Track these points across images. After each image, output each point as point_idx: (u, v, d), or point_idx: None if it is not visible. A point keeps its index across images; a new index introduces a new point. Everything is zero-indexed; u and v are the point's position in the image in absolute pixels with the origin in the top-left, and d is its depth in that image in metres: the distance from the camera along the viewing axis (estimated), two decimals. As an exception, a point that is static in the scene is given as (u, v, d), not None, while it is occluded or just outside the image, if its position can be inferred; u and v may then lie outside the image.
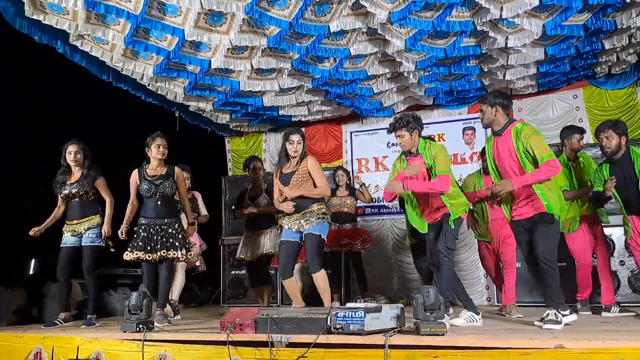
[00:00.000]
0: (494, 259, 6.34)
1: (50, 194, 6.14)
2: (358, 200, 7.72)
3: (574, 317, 4.69)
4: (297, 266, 7.36)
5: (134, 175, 5.83)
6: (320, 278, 5.31)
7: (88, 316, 5.84)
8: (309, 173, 5.41)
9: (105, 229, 5.90)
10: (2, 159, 8.61)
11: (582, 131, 6.23)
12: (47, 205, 6.16)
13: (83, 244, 5.89)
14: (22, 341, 4.83)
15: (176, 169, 5.89)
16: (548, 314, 4.45)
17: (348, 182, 7.76)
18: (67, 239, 5.92)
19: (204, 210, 7.32)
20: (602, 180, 5.52)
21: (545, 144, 4.68)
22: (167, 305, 6.38)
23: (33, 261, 9.92)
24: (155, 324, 5.16)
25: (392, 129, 5.22)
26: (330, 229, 7.38)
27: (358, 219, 8.03)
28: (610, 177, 5.37)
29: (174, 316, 6.58)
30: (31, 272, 10.31)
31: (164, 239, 5.64)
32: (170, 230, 5.69)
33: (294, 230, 5.40)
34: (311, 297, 6.33)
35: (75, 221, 5.93)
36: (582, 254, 6.06)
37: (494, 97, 4.86)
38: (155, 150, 5.77)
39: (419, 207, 5.27)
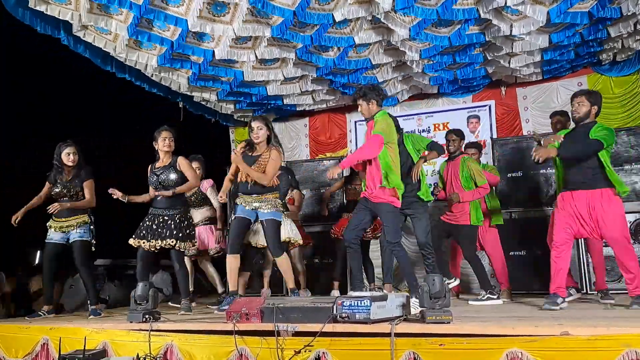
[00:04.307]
0: None
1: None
2: None
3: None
4: (295, 251, 7.51)
5: (148, 170, 5.97)
6: (284, 262, 5.67)
7: (92, 307, 5.95)
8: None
9: (60, 205, 5.95)
10: (2, 158, 8.65)
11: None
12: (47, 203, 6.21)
13: (72, 239, 6.01)
14: (29, 332, 4.86)
15: (180, 158, 5.93)
16: None
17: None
18: (53, 235, 6.03)
19: (214, 201, 7.13)
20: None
21: (382, 128, 5.29)
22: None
23: (38, 253, 9.98)
24: (182, 312, 5.60)
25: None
26: (344, 218, 7.40)
27: None
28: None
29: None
30: (37, 262, 10.39)
31: (163, 230, 5.75)
32: (170, 221, 5.79)
33: (248, 208, 5.59)
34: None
35: (63, 219, 6.02)
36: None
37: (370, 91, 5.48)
38: (162, 142, 5.87)
39: None
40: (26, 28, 6.38)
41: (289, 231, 6.75)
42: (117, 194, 5.76)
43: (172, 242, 5.69)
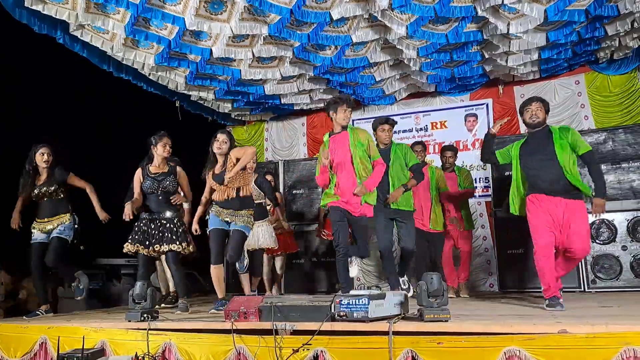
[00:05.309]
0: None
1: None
2: None
3: None
4: (280, 258, 7.77)
5: (138, 174, 5.95)
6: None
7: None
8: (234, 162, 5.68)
9: (102, 216, 6.03)
10: (2, 157, 8.61)
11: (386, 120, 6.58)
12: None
13: (51, 236, 5.99)
14: (27, 331, 4.85)
15: (180, 169, 6.04)
16: None
17: None
18: (38, 235, 6.02)
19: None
20: (508, 154, 5.43)
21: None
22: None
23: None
24: (179, 312, 5.52)
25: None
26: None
27: None
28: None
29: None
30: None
31: (164, 234, 5.78)
32: (169, 224, 5.82)
33: (221, 219, 5.69)
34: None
35: (46, 219, 6.03)
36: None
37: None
38: (162, 149, 5.90)
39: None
40: (25, 26, 6.36)
41: (261, 237, 6.94)
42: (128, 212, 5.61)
43: (174, 246, 5.73)
